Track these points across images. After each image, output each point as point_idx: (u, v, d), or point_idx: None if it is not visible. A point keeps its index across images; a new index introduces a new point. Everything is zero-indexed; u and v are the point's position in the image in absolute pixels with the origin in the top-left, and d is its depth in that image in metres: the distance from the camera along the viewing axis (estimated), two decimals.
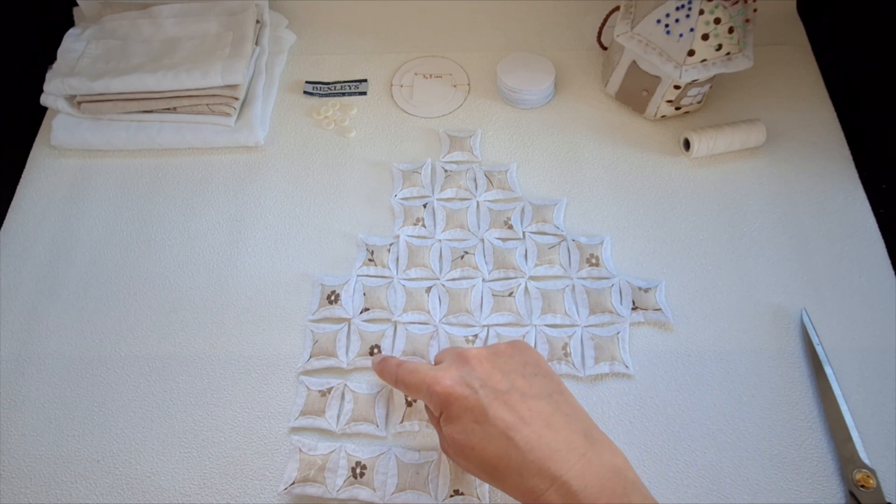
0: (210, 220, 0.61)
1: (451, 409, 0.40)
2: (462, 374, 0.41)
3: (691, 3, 0.53)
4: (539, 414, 0.39)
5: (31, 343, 0.55)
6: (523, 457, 0.37)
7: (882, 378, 0.50)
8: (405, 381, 0.44)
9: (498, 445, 0.38)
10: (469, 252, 0.57)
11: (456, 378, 0.41)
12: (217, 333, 0.55)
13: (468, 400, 0.40)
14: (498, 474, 0.39)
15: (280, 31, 0.71)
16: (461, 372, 0.41)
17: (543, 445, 0.38)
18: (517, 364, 0.42)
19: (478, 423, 0.39)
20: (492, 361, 0.42)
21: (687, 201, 0.60)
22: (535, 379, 0.41)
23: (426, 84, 0.68)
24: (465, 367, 0.42)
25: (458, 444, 0.40)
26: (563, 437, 0.38)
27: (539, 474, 0.37)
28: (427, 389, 0.42)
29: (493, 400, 0.40)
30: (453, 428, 0.40)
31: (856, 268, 0.55)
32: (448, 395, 0.40)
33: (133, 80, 0.62)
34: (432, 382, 0.41)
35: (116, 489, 0.49)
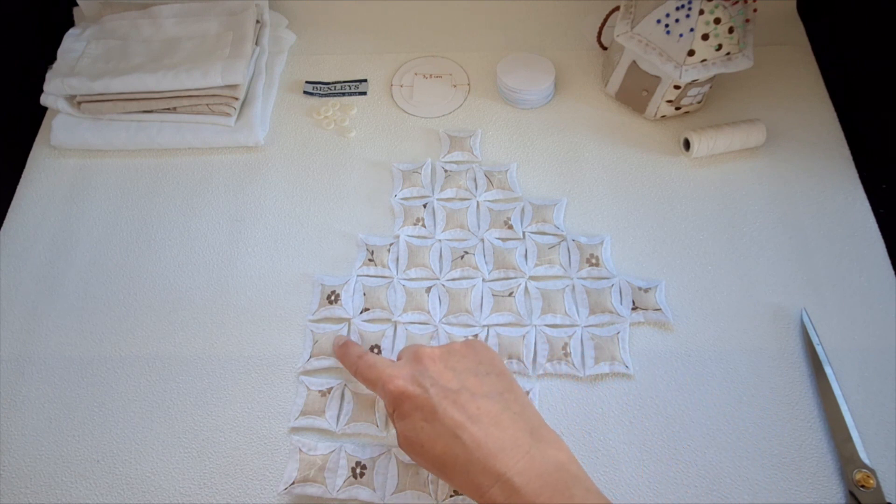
0: (210, 220, 0.61)
1: (402, 407, 0.42)
2: (414, 373, 0.43)
3: (691, 3, 0.53)
4: (487, 412, 0.40)
5: (31, 343, 0.55)
6: (469, 455, 0.39)
7: (882, 378, 0.50)
8: (363, 374, 0.46)
9: (445, 443, 0.39)
10: (469, 252, 0.57)
11: (408, 376, 0.42)
12: (217, 333, 0.55)
13: (419, 398, 0.41)
14: (447, 470, 0.40)
15: (280, 31, 0.71)
16: (414, 370, 0.43)
17: (490, 443, 0.39)
18: (471, 363, 0.44)
19: (427, 422, 0.40)
20: (445, 361, 0.44)
21: (687, 201, 0.60)
22: (488, 378, 0.43)
23: (426, 84, 0.68)
24: (418, 366, 0.43)
25: (408, 440, 0.41)
26: (510, 435, 0.39)
27: (484, 472, 0.38)
28: (382, 386, 0.43)
29: (442, 399, 0.41)
30: (404, 425, 0.42)
31: (856, 268, 0.55)
32: (400, 393, 0.42)
33: (133, 80, 0.62)
34: (386, 380, 0.43)
35: (116, 489, 0.49)
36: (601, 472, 0.48)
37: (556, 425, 0.50)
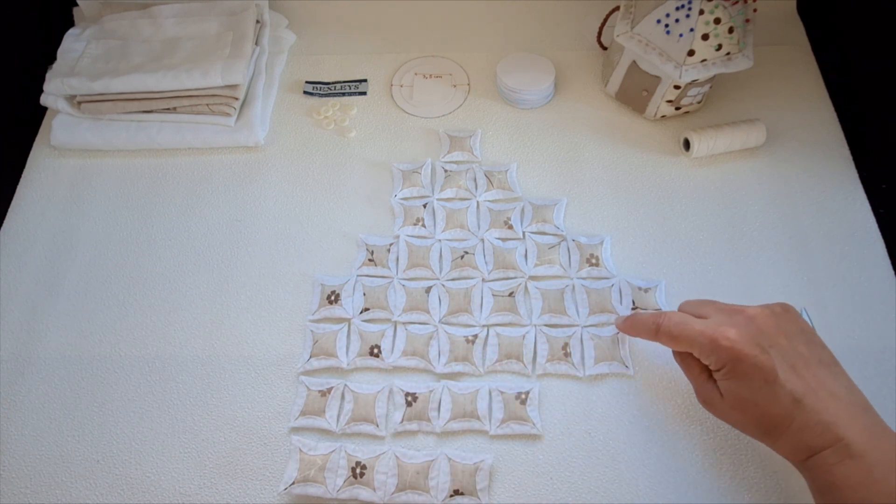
0: (210, 220, 0.61)
1: (738, 366, 0.41)
2: (750, 333, 0.42)
3: (691, 3, 0.53)
4: (823, 383, 0.40)
5: (31, 343, 0.55)
6: (808, 419, 0.39)
7: (882, 378, 0.50)
8: (673, 332, 0.44)
9: (784, 406, 0.40)
10: (469, 252, 0.57)
11: (745, 335, 0.41)
12: (217, 333, 0.55)
13: (758, 359, 0.40)
14: (775, 431, 0.41)
15: (280, 31, 0.71)
16: (748, 330, 0.42)
17: (829, 412, 0.39)
18: (795, 329, 0.43)
19: (767, 384, 0.40)
20: (775, 323, 0.43)
21: (687, 201, 0.60)
22: (813, 347, 0.43)
23: (426, 84, 0.68)
24: (750, 325, 0.42)
25: (739, 399, 0.41)
26: (846, 409, 0.40)
27: (821, 436, 0.39)
28: (710, 343, 0.42)
29: (783, 363, 0.41)
30: (738, 384, 0.41)
31: (856, 268, 0.55)
32: (738, 351, 0.41)
33: (133, 80, 0.62)
34: (717, 336, 0.42)
35: (116, 489, 0.49)
36: (601, 472, 0.48)
37: (556, 425, 0.50)
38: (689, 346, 0.44)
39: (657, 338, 0.46)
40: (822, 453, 0.38)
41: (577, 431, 0.49)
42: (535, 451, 0.49)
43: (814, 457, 0.39)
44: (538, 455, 0.49)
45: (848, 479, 0.37)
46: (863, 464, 0.37)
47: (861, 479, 0.37)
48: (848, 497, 0.37)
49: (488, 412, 0.50)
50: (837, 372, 0.42)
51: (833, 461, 0.38)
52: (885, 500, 0.36)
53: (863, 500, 0.37)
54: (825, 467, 0.38)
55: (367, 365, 0.53)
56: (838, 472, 0.38)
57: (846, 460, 0.38)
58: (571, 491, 0.47)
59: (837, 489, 0.38)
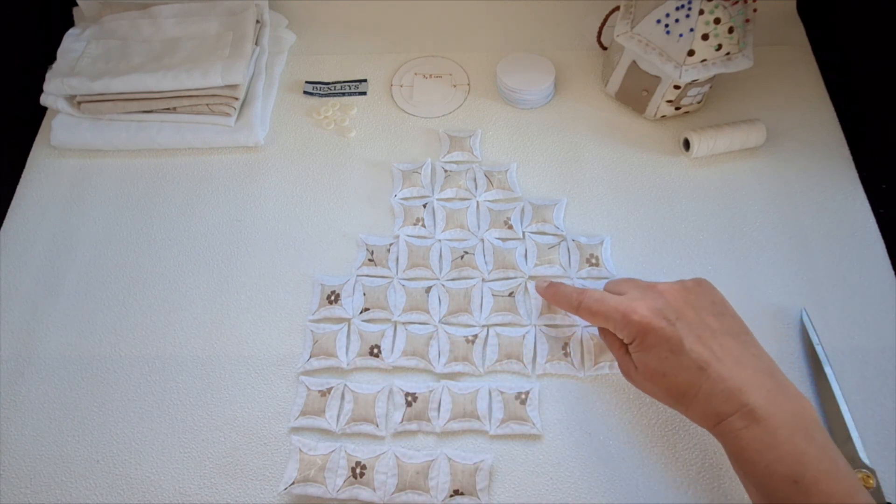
0: (210, 220, 0.61)
1: (647, 339, 0.43)
2: (658, 306, 0.44)
3: (691, 3, 0.53)
4: (730, 351, 0.42)
5: (31, 343, 0.55)
6: (713, 386, 0.40)
7: (882, 378, 0.50)
8: (591, 308, 0.46)
9: (690, 374, 0.41)
10: (469, 252, 0.57)
11: (652, 309, 0.43)
12: (217, 333, 0.55)
13: (665, 331, 0.42)
14: (685, 399, 0.42)
15: (280, 31, 0.71)
16: (657, 304, 0.44)
17: (734, 378, 0.40)
18: (706, 302, 0.45)
19: (673, 353, 0.42)
20: (684, 297, 0.45)
21: (687, 201, 0.60)
22: (724, 318, 0.44)
23: (426, 84, 0.68)
24: (659, 300, 0.44)
25: (649, 369, 0.43)
26: (751, 375, 0.41)
27: (727, 402, 0.40)
28: (622, 317, 0.44)
29: (688, 333, 0.42)
30: (647, 356, 0.43)
31: (856, 268, 0.55)
32: (646, 324, 0.43)
33: (133, 80, 0.62)
34: (628, 311, 0.44)
35: (116, 489, 0.49)
36: (601, 472, 0.48)
37: (556, 425, 0.50)
38: (605, 321, 0.46)
39: (578, 312, 0.48)
40: (729, 419, 0.40)
41: (577, 431, 0.49)
42: (535, 451, 0.49)
43: (722, 423, 0.40)
44: (538, 455, 0.49)
45: (755, 443, 0.39)
46: (768, 427, 0.38)
47: (767, 441, 0.38)
48: (756, 460, 0.38)
49: (488, 412, 0.50)
50: (745, 340, 0.43)
51: (740, 426, 0.39)
52: (790, 460, 0.37)
53: (770, 462, 0.38)
54: (733, 432, 0.39)
55: (367, 365, 0.53)
56: (745, 436, 0.39)
57: (752, 425, 0.39)
58: (571, 491, 0.47)
59: (746, 453, 0.39)
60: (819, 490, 0.36)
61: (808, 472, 0.37)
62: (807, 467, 0.37)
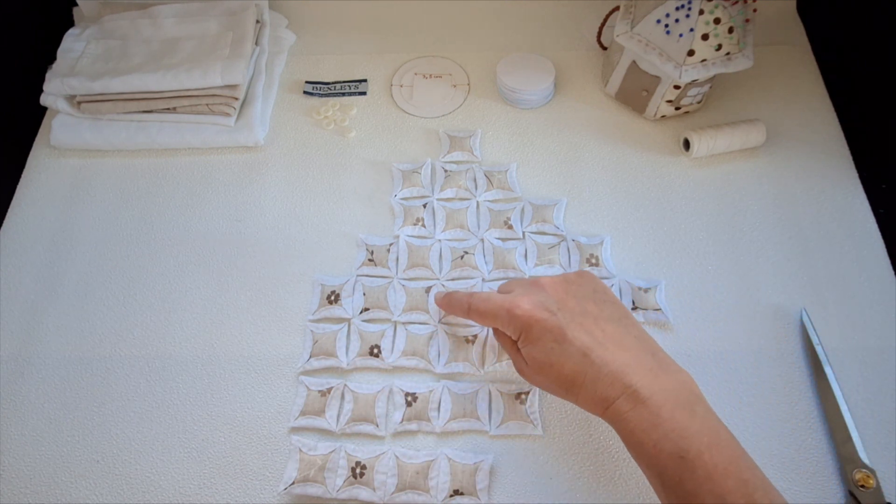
0: (210, 220, 0.61)
1: (531, 331, 0.44)
2: (540, 299, 0.44)
3: (691, 3, 0.53)
4: (611, 336, 0.43)
5: (31, 343, 0.55)
6: (598, 371, 0.41)
7: (882, 378, 0.50)
8: (479, 308, 0.47)
9: (575, 362, 0.42)
10: (469, 252, 0.57)
11: (535, 302, 0.44)
12: (217, 333, 0.55)
13: (547, 322, 0.43)
14: (574, 387, 0.43)
15: (280, 31, 0.71)
16: (539, 297, 0.45)
17: (617, 362, 0.41)
18: (587, 291, 0.46)
19: (557, 343, 0.43)
20: (565, 288, 0.46)
21: (687, 201, 0.60)
22: (605, 305, 0.45)
23: (426, 84, 0.68)
24: (541, 293, 0.45)
25: (537, 362, 0.44)
26: (633, 356, 0.42)
27: (612, 385, 0.41)
28: (507, 314, 0.45)
29: (570, 322, 0.43)
30: (533, 348, 0.44)
31: (856, 268, 0.55)
32: (529, 317, 0.44)
33: (133, 80, 0.62)
34: (512, 307, 0.44)
35: (116, 489, 0.49)
36: (601, 471, 0.48)
37: (556, 425, 0.50)
38: (493, 319, 0.46)
39: (469, 315, 0.48)
40: (615, 402, 0.40)
41: (577, 432, 0.49)
42: (535, 451, 0.49)
43: (610, 407, 0.41)
44: (538, 455, 0.49)
45: (641, 423, 0.39)
46: (651, 406, 0.39)
47: (652, 421, 0.39)
48: (644, 440, 0.39)
49: (488, 412, 0.50)
50: (626, 324, 0.44)
51: (626, 408, 0.40)
52: (674, 436, 0.38)
53: (657, 440, 0.38)
54: (621, 415, 0.40)
55: (367, 365, 0.53)
56: (632, 418, 0.40)
57: (637, 406, 0.39)
58: (571, 491, 0.47)
59: (635, 434, 0.39)
60: (703, 462, 0.37)
61: (691, 446, 0.38)
62: (690, 441, 0.38)
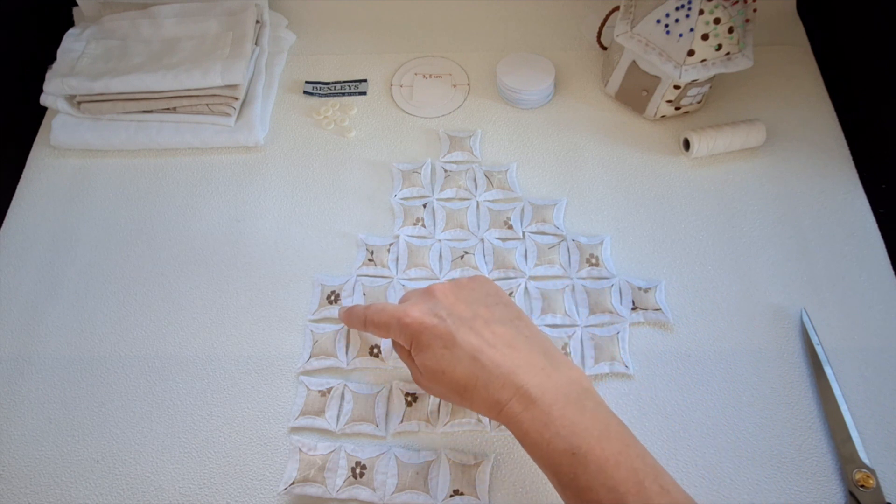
0: (210, 220, 0.61)
1: (420, 338, 0.43)
2: (429, 306, 0.44)
3: (691, 3, 0.53)
4: (502, 337, 0.42)
5: (31, 343, 0.55)
6: (489, 374, 0.41)
7: (882, 378, 0.50)
8: (374, 320, 0.46)
9: (466, 366, 0.41)
10: (469, 252, 0.57)
11: (424, 310, 0.44)
12: (217, 333, 0.55)
13: (437, 328, 0.43)
14: (467, 393, 0.42)
15: (280, 31, 0.71)
16: (428, 304, 0.44)
17: (507, 363, 0.41)
18: (479, 295, 0.46)
19: (447, 349, 0.42)
20: (455, 293, 0.45)
21: (687, 201, 0.60)
22: (497, 307, 0.45)
23: (426, 84, 0.68)
24: (431, 300, 0.45)
25: (429, 369, 0.43)
26: (524, 356, 0.42)
27: (503, 388, 0.40)
28: (397, 323, 0.44)
29: (459, 326, 0.43)
30: (424, 356, 0.43)
31: (856, 268, 0.55)
32: (418, 324, 0.43)
33: (133, 80, 0.62)
34: (402, 315, 0.44)
35: (116, 489, 0.49)
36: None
37: None
38: (387, 330, 0.45)
39: (366, 327, 0.47)
40: (508, 404, 0.40)
41: None
42: None
43: (503, 409, 0.40)
44: None
45: (534, 424, 0.39)
46: (542, 405, 0.39)
47: (544, 420, 0.39)
48: (538, 440, 0.39)
49: None
50: (518, 325, 0.44)
51: (518, 410, 0.39)
52: (566, 433, 0.38)
53: (549, 439, 0.38)
54: (514, 417, 0.40)
55: (366, 365, 0.53)
56: (525, 418, 0.39)
57: (529, 406, 0.39)
58: None
59: (529, 435, 0.39)
60: (595, 456, 0.37)
61: (582, 441, 0.38)
62: (581, 437, 0.38)
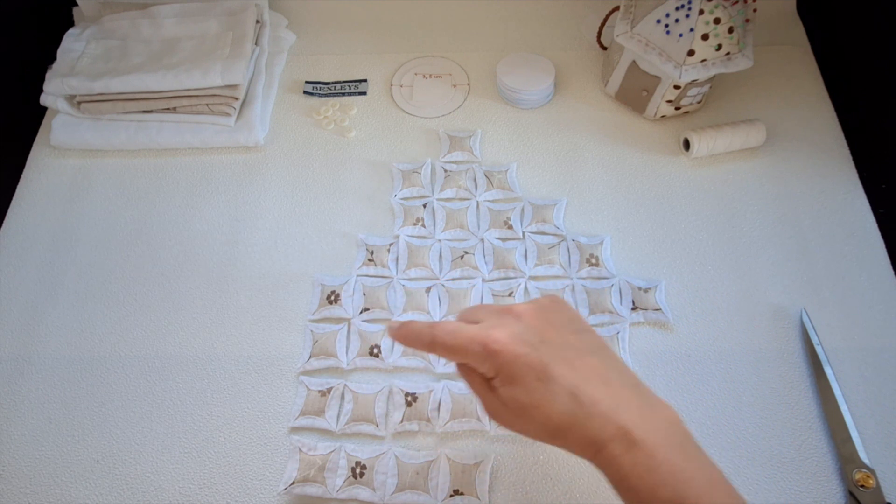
0: (210, 220, 0.61)
1: (510, 369, 0.38)
2: (516, 331, 0.39)
3: (691, 3, 0.53)
4: (594, 370, 0.39)
5: (31, 343, 0.55)
6: (587, 412, 0.37)
7: (882, 378, 0.50)
8: (446, 343, 0.39)
9: (563, 403, 0.37)
10: (469, 252, 0.57)
11: (511, 334, 0.38)
12: (217, 333, 0.55)
13: (529, 357, 0.38)
14: (560, 433, 0.38)
15: (280, 31, 0.71)
16: (513, 328, 0.39)
17: (605, 401, 0.37)
18: (564, 319, 0.41)
19: (541, 382, 0.38)
20: (542, 316, 0.41)
21: (687, 201, 0.60)
22: (584, 335, 0.41)
23: (426, 84, 0.68)
24: (515, 323, 0.40)
25: (520, 404, 0.38)
26: (618, 392, 0.38)
27: (602, 428, 0.37)
28: (482, 349, 0.38)
29: (553, 357, 0.38)
30: (515, 389, 0.38)
31: (856, 268, 0.55)
32: (508, 353, 0.38)
33: (133, 80, 0.62)
34: (487, 340, 0.38)
35: (116, 489, 0.49)
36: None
37: None
38: (463, 355, 0.39)
39: (433, 349, 0.41)
40: (608, 446, 0.37)
41: None
42: (535, 451, 0.49)
43: (602, 451, 0.37)
44: (538, 455, 0.49)
45: (636, 468, 0.36)
46: (646, 449, 0.36)
47: (648, 464, 0.36)
48: (640, 487, 0.36)
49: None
50: (606, 356, 0.40)
51: (619, 452, 0.36)
52: (672, 481, 0.36)
53: (653, 487, 0.36)
54: (614, 459, 0.37)
55: (366, 365, 0.53)
56: (626, 462, 0.36)
57: (631, 449, 0.36)
58: (571, 491, 0.47)
59: (629, 480, 0.36)
60: None
61: (690, 490, 0.35)
62: (689, 485, 0.35)
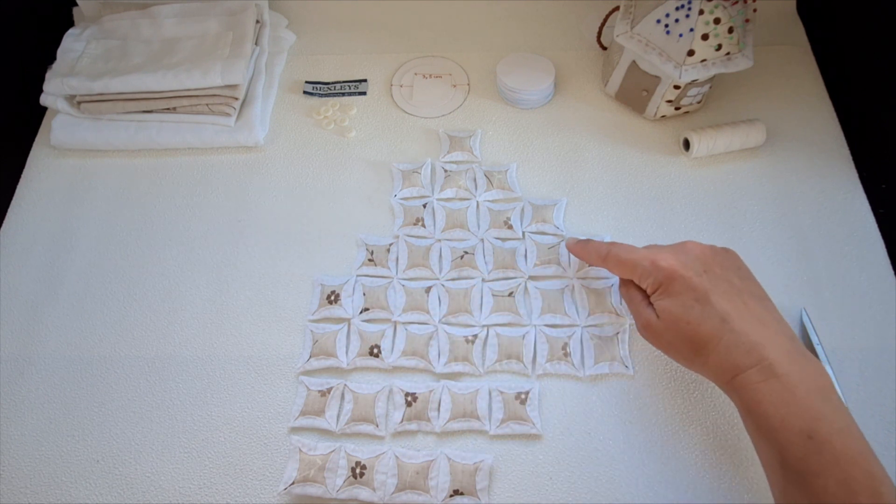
0: (210, 220, 0.61)
1: (673, 286, 0.44)
2: (685, 259, 0.45)
3: (691, 3, 0.53)
4: (752, 310, 0.43)
5: (31, 343, 0.55)
6: (736, 339, 0.41)
7: (882, 378, 0.50)
8: (620, 256, 0.48)
9: (713, 325, 0.42)
10: (469, 252, 0.57)
11: (681, 260, 0.45)
12: (217, 333, 0.55)
13: (692, 280, 0.44)
14: (704, 350, 0.42)
15: (280, 31, 0.71)
16: (685, 257, 0.45)
17: (756, 335, 0.41)
18: (732, 266, 0.46)
19: (698, 303, 0.43)
20: (711, 256, 0.46)
21: (687, 201, 0.60)
22: (748, 282, 0.45)
23: (426, 84, 0.68)
24: (686, 255, 0.46)
25: (672, 315, 0.44)
26: (773, 335, 0.41)
27: (748, 354, 0.40)
28: (651, 264, 0.45)
29: (715, 286, 0.43)
30: (672, 302, 0.44)
31: (856, 268, 0.55)
32: (673, 271, 0.44)
33: (133, 80, 0.62)
34: (657, 258, 0.45)
35: (116, 489, 0.49)
36: (601, 472, 0.48)
37: (556, 425, 0.50)
38: (632, 269, 0.47)
39: (605, 262, 0.49)
40: (747, 372, 0.40)
41: (577, 431, 0.49)
42: (535, 451, 0.49)
43: (740, 376, 0.40)
44: (538, 455, 0.49)
45: (771, 397, 0.39)
46: (786, 383, 0.39)
47: (784, 397, 0.39)
48: (771, 413, 0.39)
49: (488, 412, 0.50)
50: (767, 305, 0.44)
51: (757, 379, 0.40)
52: (806, 416, 0.38)
53: (784, 417, 0.38)
54: (750, 385, 0.40)
55: (366, 365, 0.53)
56: (763, 389, 0.39)
57: (770, 379, 0.39)
58: (571, 491, 0.47)
59: (762, 406, 0.39)
60: (833, 447, 0.37)
61: (822, 428, 0.37)
62: (821, 423, 0.37)
